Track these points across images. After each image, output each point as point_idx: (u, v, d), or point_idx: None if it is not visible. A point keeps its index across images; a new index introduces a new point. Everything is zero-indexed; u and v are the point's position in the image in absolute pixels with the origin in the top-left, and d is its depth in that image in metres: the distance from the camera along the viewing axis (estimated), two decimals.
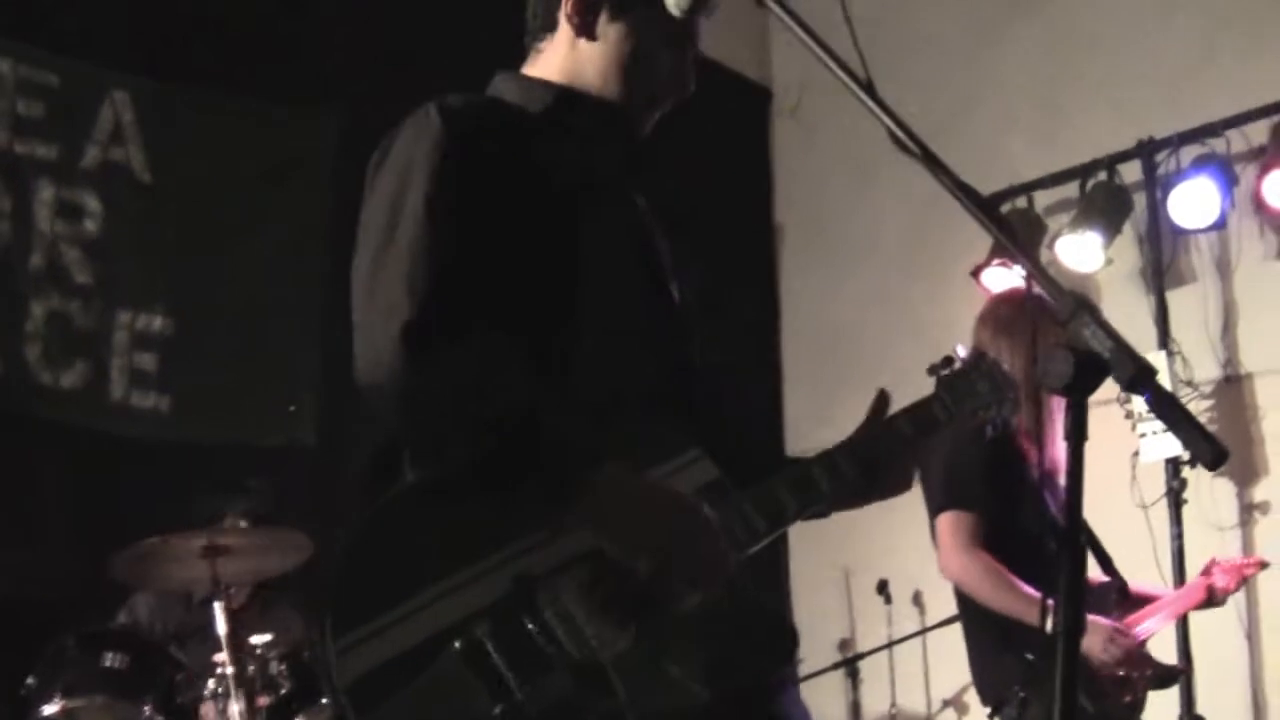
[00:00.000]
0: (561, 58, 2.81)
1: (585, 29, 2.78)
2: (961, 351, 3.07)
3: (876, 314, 8.28)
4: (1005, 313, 4.85)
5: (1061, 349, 1.91)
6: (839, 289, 8.58)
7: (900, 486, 2.89)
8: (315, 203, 6.51)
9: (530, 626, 2.30)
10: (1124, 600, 4.81)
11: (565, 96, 2.78)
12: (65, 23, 6.05)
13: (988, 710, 4.72)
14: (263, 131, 6.53)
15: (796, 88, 8.85)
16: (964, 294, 7.13)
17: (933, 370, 3.02)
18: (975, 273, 7.13)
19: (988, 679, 4.77)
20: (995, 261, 7.00)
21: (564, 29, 2.81)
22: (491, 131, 2.68)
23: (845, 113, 2.28)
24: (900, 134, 2.18)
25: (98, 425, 5.94)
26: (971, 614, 4.79)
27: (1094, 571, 4.69)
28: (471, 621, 2.28)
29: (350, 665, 2.23)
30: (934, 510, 4.79)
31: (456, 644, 2.26)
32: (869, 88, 2.24)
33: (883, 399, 2.86)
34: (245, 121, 6.49)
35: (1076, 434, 1.94)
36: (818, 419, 8.49)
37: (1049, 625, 1.93)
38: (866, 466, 2.75)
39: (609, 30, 2.77)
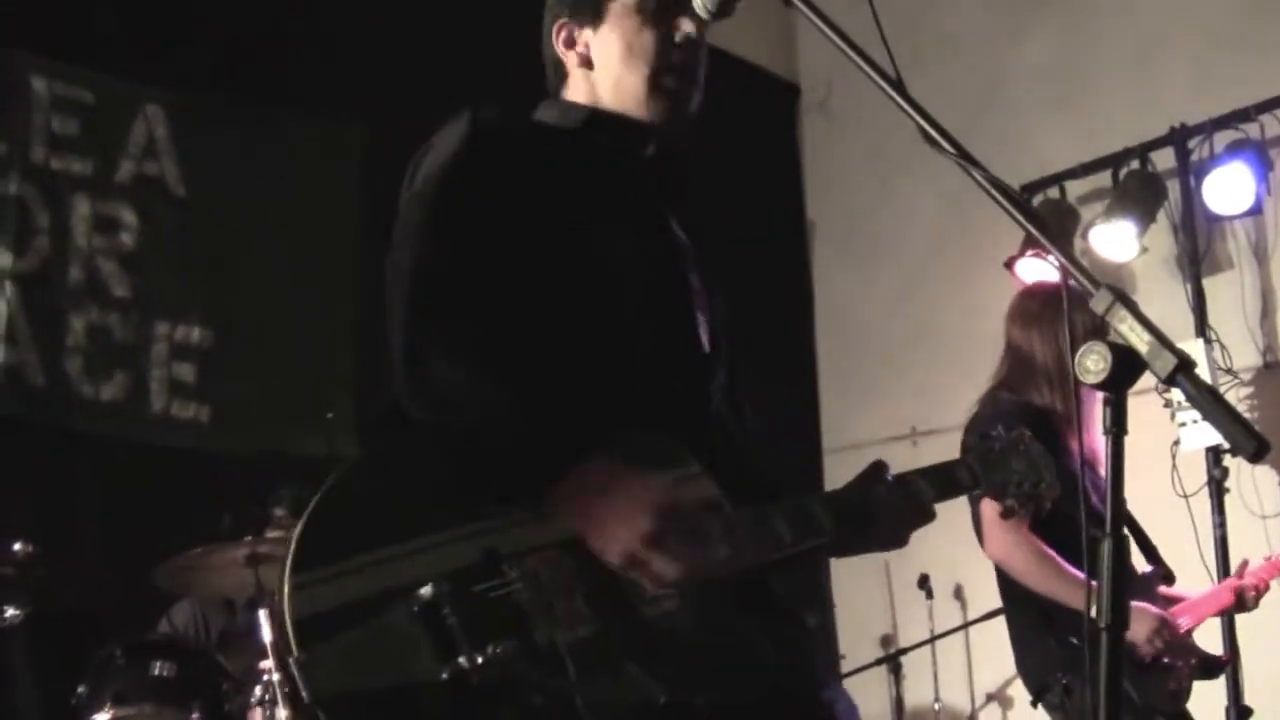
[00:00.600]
0: (583, 88, 2.88)
1: (582, 59, 2.87)
2: (1001, 433, 3.05)
3: (910, 307, 8.27)
4: (1033, 306, 4.84)
5: (1098, 343, 1.91)
6: (872, 283, 8.58)
7: (889, 541, 2.86)
8: (346, 211, 6.55)
9: (492, 595, 2.28)
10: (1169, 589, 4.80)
11: (597, 116, 2.84)
12: (98, 39, 6.09)
13: (1030, 697, 4.71)
14: (293, 143, 6.57)
15: (824, 83, 8.85)
16: (997, 286, 7.11)
17: (965, 446, 3.01)
18: (1009, 264, 7.10)
19: (1030, 664, 4.76)
20: (1029, 253, 6.98)
21: (573, 71, 2.90)
22: (520, 141, 2.75)
23: (874, 107, 2.29)
24: (932, 132, 2.18)
25: (138, 436, 5.98)
26: (1014, 598, 4.78)
27: (1138, 560, 4.69)
28: (433, 581, 2.25)
29: (302, 601, 2.21)
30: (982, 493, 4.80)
31: (412, 603, 2.23)
32: (899, 85, 2.24)
33: (880, 466, 2.85)
34: (276, 134, 6.53)
35: (1116, 428, 1.93)
36: (853, 412, 8.50)
37: (1093, 613, 1.93)
38: (866, 514, 2.73)
39: (597, 45, 2.85)
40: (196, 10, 6.31)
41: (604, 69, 2.84)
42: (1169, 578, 4.80)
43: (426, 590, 2.23)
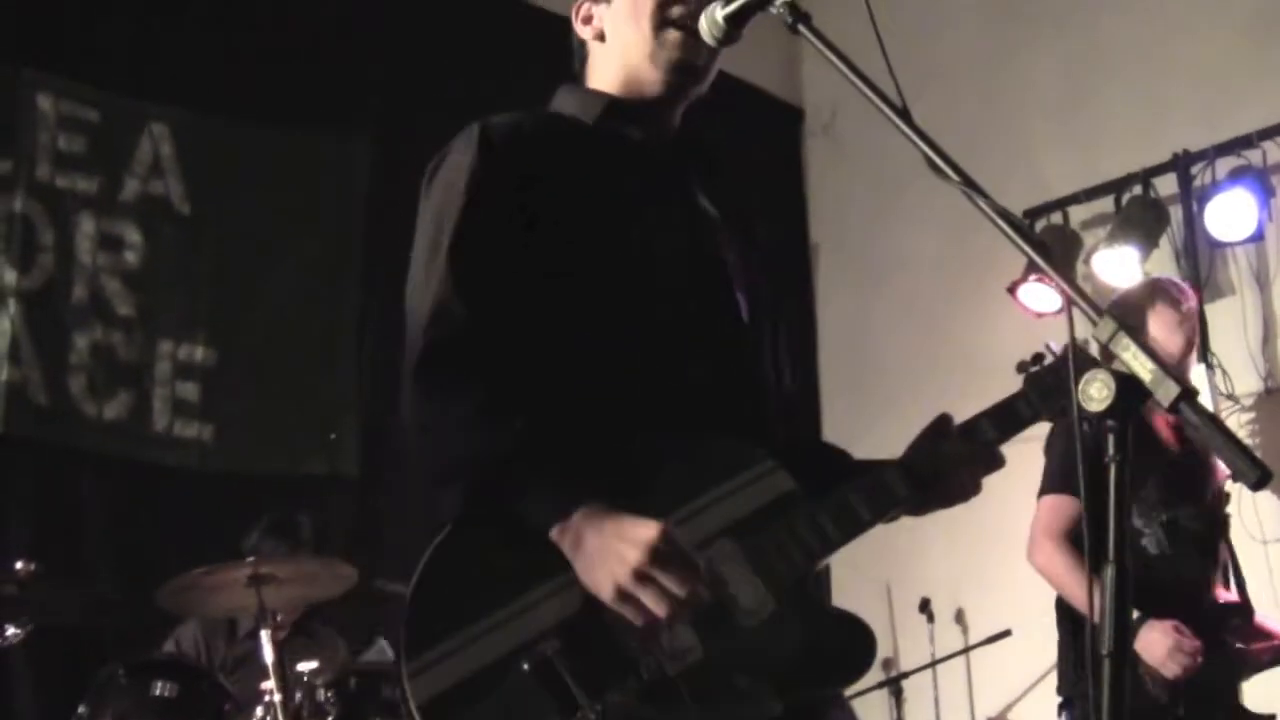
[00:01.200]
0: (601, 68, 2.92)
1: (597, 32, 2.92)
2: (1055, 346, 3.00)
3: (913, 331, 8.28)
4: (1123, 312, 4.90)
5: (1102, 370, 1.92)
6: (875, 306, 8.58)
7: (962, 494, 2.86)
8: (350, 231, 6.56)
9: (598, 643, 2.34)
10: (1244, 627, 4.84)
11: (614, 105, 2.86)
12: (104, 57, 6.11)
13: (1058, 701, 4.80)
14: (298, 161, 6.58)
15: (829, 107, 8.87)
16: (1000, 310, 7.12)
17: (1021, 367, 3.00)
18: (1012, 289, 7.11)
19: (1064, 670, 4.89)
20: (1032, 278, 6.99)
21: (592, 49, 2.94)
22: (535, 145, 2.76)
23: (878, 130, 2.29)
24: (937, 160, 2.19)
25: (141, 455, 5.99)
26: (1059, 603, 4.88)
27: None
28: (540, 640, 2.33)
29: (423, 686, 2.31)
30: (1039, 493, 4.88)
31: (525, 663, 2.31)
32: (904, 113, 2.25)
33: (945, 420, 2.84)
34: (280, 152, 6.54)
35: (1120, 455, 1.94)
36: (857, 436, 8.45)
37: (1100, 645, 1.93)
38: (937, 472, 2.74)
39: (609, 17, 2.89)
40: (202, 28, 6.34)
41: (614, 37, 2.88)
42: (1246, 615, 4.87)
43: (536, 650, 2.32)
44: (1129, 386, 1.91)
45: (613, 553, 2.35)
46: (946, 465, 2.75)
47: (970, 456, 2.78)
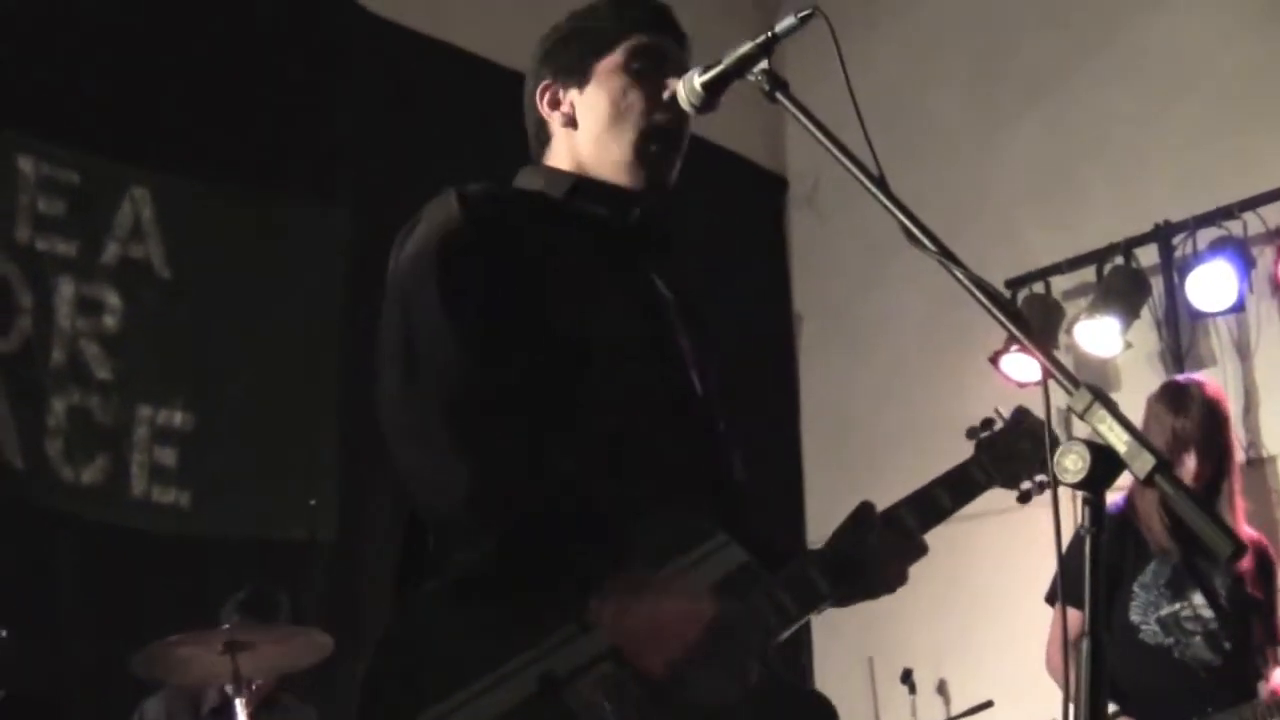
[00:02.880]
0: (565, 154, 2.88)
1: (567, 119, 2.87)
2: (1004, 411, 3.01)
3: (896, 400, 8.27)
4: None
5: (1077, 442, 1.91)
6: (858, 376, 8.58)
7: (886, 586, 2.83)
8: (331, 297, 6.55)
9: None
10: None
11: (581, 185, 2.83)
12: (85, 120, 6.11)
13: None
14: (279, 226, 6.58)
15: (812, 176, 8.89)
16: (983, 380, 7.12)
17: (971, 433, 2.98)
18: (994, 359, 7.12)
19: None
20: (1013, 348, 6.99)
21: (556, 132, 2.90)
22: (507, 212, 2.74)
23: (861, 199, 2.29)
24: (915, 230, 2.19)
25: (118, 520, 5.94)
26: None
27: None
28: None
29: None
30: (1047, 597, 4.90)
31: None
32: (881, 183, 2.25)
33: (866, 508, 2.83)
34: (262, 216, 6.54)
35: (1095, 527, 1.93)
36: (839, 504, 8.41)
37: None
38: (855, 571, 2.70)
39: (583, 105, 2.85)
40: (183, 93, 6.33)
41: (588, 129, 2.84)
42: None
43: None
44: (1104, 458, 1.91)
45: (670, 628, 2.35)
46: (873, 557, 2.72)
47: (896, 548, 2.76)
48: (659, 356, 2.78)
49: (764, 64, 2.50)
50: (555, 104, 2.89)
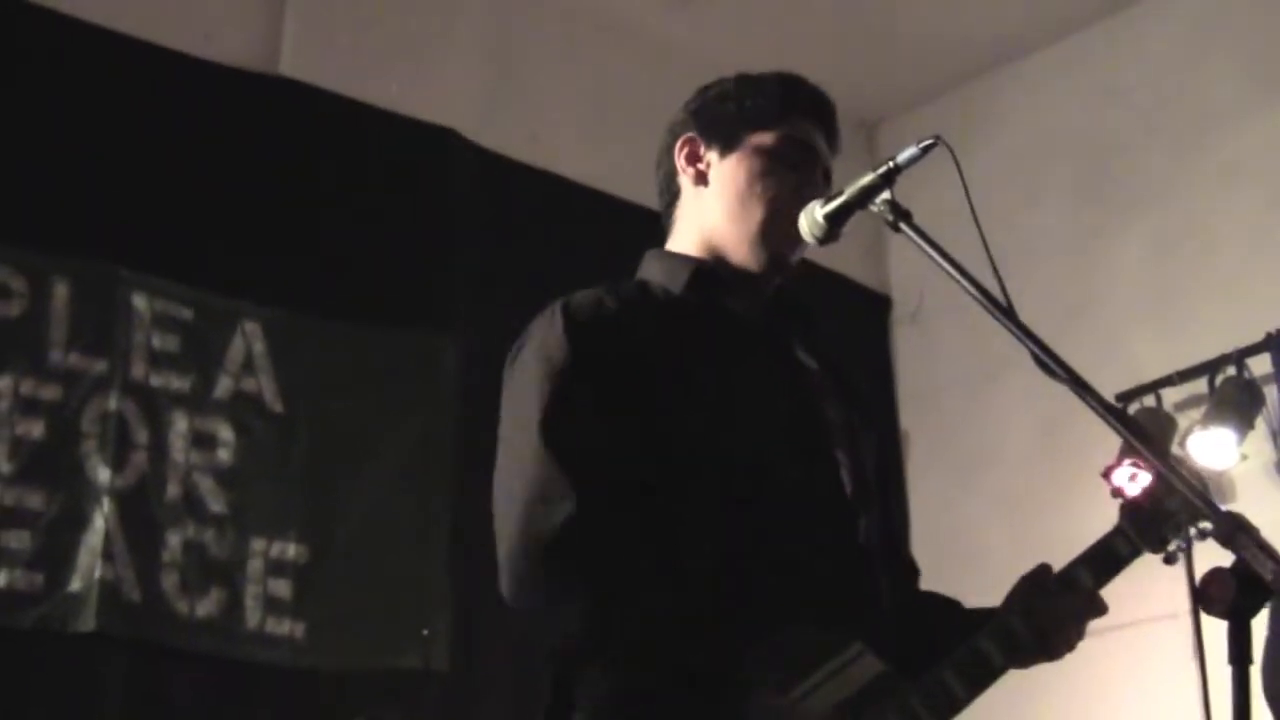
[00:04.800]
0: (691, 216, 2.90)
1: (700, 176, 2.87)
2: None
3: (1004, 521, 8.16)
4: None
5: (1223, 571, 1.87)
6: (966, 496, 8.48)
7: (1067, 646, 2.78)
8: (441, 427, 6.58)
9: None
10: None
11: (701, 271, 2.82)
12: (198, 256, 6.21)
13: None
14: (388, 359, 6.63)
15: (916, 294, 8.86)
16: (1094, 497, 6.99)
17: (1116, 494, 2.93)
18: (1106, 474, 7.01)
19: None
20: (1126, 462, 6.88)
21: (685, 188, 2.92)
22: (620, 319, 2.72)
23: (966, 317, 2.30)
24: (1045, 359, 2.18)
25: (233, 653, 5.95)
26: None
27: None
28: None
29: None
30: None
31: None
32: (1010, 312, 2.24)
33: (1043, 570, 2.78)
34: (371, 349, 6.59)
35: (1241, 657, 1.89)
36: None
37: None
38: (1030, 639, 2.67)
39: (721, 170, 2.86)
40: (293, 229, 6.44)
41: (719, 195, 2.84)
42: None
43: None
44: (1250, 585, 1.87)
45: None
46: (1049, 622, 2.68)
47: (1071, 608, 2.71)
48: (802, 435, 2.74)
49: (886, 194, 2.50)
50: (694, 159, 2.91)
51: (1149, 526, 2.87)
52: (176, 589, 5.86)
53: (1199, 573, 2.02)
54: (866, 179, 2.54)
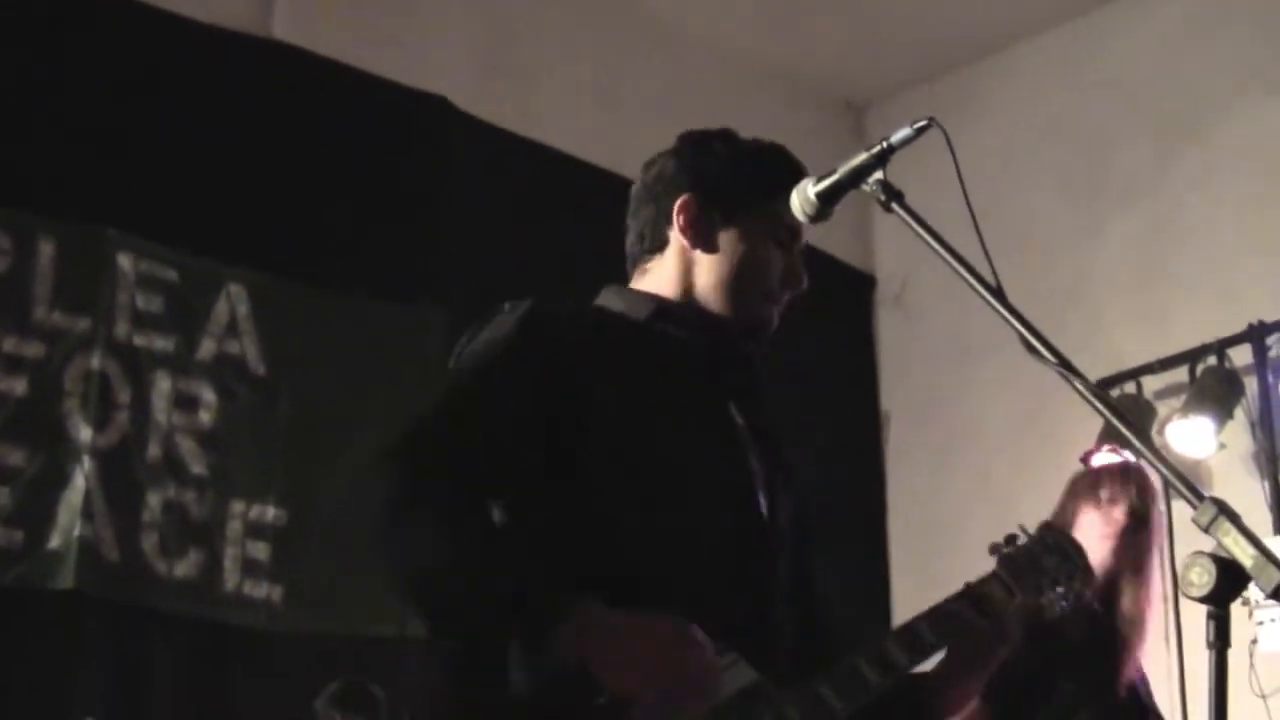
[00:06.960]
0: (673, 271, 2.86)
1: (702, 241, 2.83)
2: (1028, 527, 3.03)
3: (984, 502, 8.18)
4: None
5: (1202, 556, 1.89)
6: (946, 477, 8.51)
7: (966, 679, 2.81)
8: (424, 396, 6.57)
9: None
10: None
11: (664, 308, 2.81)
12: (184, 218, 6.19)
13: None
14: (373, 326, 6.63)
15: (900, 275, 8.88)
16: None
17: (994, 549, 2.97)
18: (1085, 458, 7.06)
19: None
20: (1105, 447, 6.93)
21: (675, 244, 2.86)
22: (575, 336, 2.72)
23: (949, 299, 2.31)
24: (1034, 341, 2.18)
25: (211, 614, 5.97)
26: None
27: None
28: None
29: None
30: None
31: None
32: (999, 294, 2.25)
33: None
34: (357, 315, 6.59)
35: (1220, 643, 1.90)
36: (925, 606, 8.35)
37: None
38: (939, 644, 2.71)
39: (723, 237, 2.83)
40: (281, 192, 6.43)
41: (716, 262, 2.82)
42: None
43: None
44: (1229, 572, 1.88)
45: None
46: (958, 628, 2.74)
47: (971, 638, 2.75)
48: (723, 477, 2.74)
49: (879, 174, 2.51)
50: (695, 222, 2.85)
51: (1024, 576, 2.91)
52: (155, 549, 5.86)
53: (1179, 557, 2.04)
54: (860, 158, 2.54)
